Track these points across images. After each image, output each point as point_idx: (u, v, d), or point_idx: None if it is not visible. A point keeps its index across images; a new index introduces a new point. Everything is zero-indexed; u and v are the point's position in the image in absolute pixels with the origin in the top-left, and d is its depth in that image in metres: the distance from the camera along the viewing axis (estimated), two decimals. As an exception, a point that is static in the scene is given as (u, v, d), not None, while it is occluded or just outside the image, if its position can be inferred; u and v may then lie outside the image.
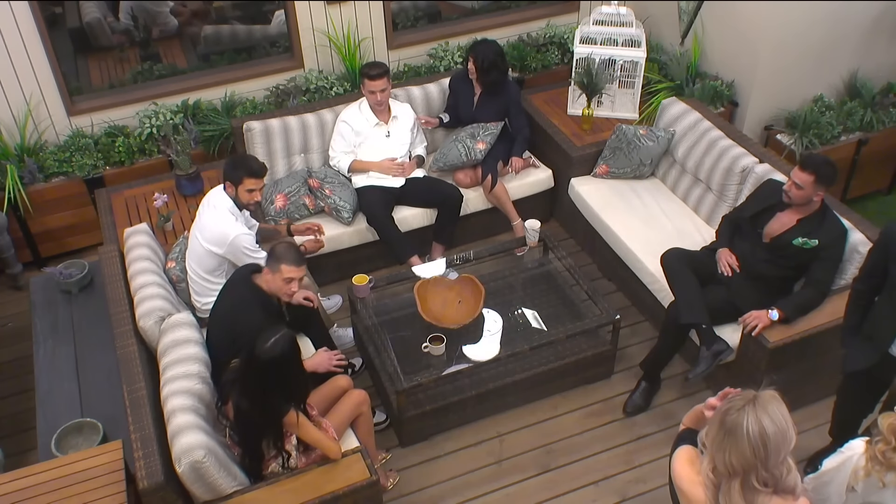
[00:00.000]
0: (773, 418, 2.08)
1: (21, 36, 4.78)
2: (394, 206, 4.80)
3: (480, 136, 4.92)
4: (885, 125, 5.28)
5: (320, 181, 4.68)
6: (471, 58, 4.89)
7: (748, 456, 2.09)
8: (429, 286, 4.23)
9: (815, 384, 4.03)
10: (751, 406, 2.10)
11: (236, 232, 3.85)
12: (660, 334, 4.13)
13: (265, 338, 3.05)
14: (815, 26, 5.11)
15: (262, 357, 3.02)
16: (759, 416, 2.08)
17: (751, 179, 4.36)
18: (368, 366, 4.30)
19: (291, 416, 3.11)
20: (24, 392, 4.31)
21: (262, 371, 3.04)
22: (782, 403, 2.13)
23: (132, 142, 5.12)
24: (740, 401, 2.13)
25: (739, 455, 2.10)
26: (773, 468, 2.12)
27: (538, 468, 3.92)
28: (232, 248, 3.87)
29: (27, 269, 5.07)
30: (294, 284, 3.50)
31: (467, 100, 5.04)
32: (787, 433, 2.10)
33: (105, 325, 3.91)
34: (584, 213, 4.93)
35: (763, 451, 2.07)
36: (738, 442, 2.09)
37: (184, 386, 3.25)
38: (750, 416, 2.08)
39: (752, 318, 3.73)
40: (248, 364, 3.09)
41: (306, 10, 5.33)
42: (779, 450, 2.09)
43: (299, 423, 3.14)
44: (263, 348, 3.03)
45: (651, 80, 5.51)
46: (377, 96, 4.69)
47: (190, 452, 2.98)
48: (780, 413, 2.11)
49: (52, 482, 3.21)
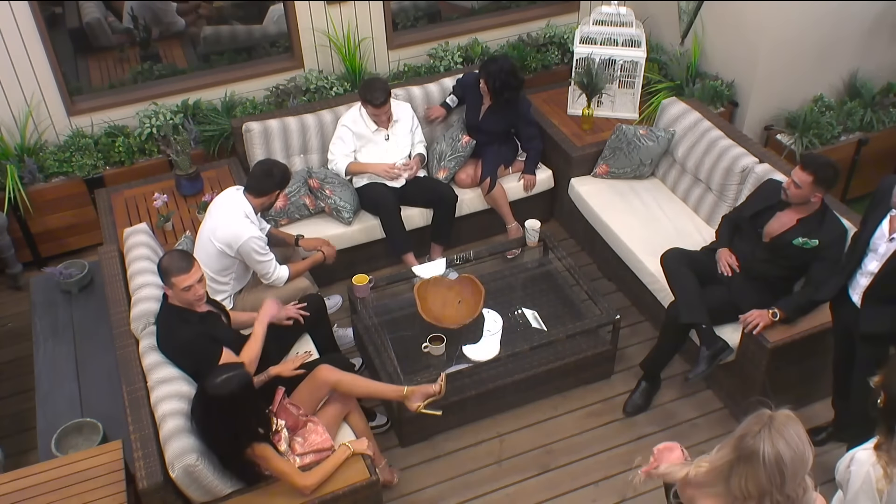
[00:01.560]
0: (790, 442, 2.04)
1: (21, 36, 4.78)
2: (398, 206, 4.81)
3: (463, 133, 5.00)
4: (885, 125, 5.28)
5: (320, 181, 4.68)
6: (482, 80, 4.80)
7: (764, 483, 2.05)
8: (429, 286, 4.23)
9: (815, 384, 4.03)
10: (767, 430, 2.05)
11: (249, 234, 3.85)
12: (660, 334, 4.13)
13: (217, 374, 3.00)
14: (815, 26, 5.11)
15: (210, 393, 2.97)
16: (776, 441, 2.03)
17: (751, 179, 4.36)
18: (368, 366, 4.30)
19: (256, 451, 3.07)
20: (24, 392, 4.31)
21: (212, 410, 3.01)
22: (798, 424, 2.09)
23: (132, 142, 5.12)
24: (756, 425, 2.07)
25: (756, 481, 2.05)
26: (790, 491, 2.08)
27: (538, 468, 3.92)
28: (244, 249, 3.87)
29: (27, 269, 5.07)
30: (195, 290, 3.30)
31: (474, 107, 4.98)
32: (805, 455, 2.06)
33: (105, 325, 3.91)
34: (584, 213, 4.93)
35: (779, 477, 2.04)
36: (755, 469, 2.04)
37: (171, 390, 3.24)
38: (766, 441, 2.03)
39: (752, 317, 3.74)
40: (198, 398, 3.07)
41: (306, 10, 5.33)
42: (796, 474, 2.06)
43: (265, 459, 3.09)
44: (213, 384, 2.97)
45: (651, 80, 5.51)
46: (382, 116, 4.69)
47: (182, 457, 2.98)
48: (797, 435, 2.06)
49: (52, 482, 3.21)
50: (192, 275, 3.29)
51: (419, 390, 3.58)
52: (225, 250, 3.88)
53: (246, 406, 3.03)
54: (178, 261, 3.31)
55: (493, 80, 4.73)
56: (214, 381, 2.96)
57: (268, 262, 3.96)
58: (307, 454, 3.32)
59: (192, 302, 3.35)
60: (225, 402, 2.96)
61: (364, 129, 4.78)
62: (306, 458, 3.31)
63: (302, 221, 4.72)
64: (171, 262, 3.31)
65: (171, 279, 3.29)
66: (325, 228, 4.68)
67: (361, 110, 4.76)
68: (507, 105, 4.87)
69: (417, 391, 3.58)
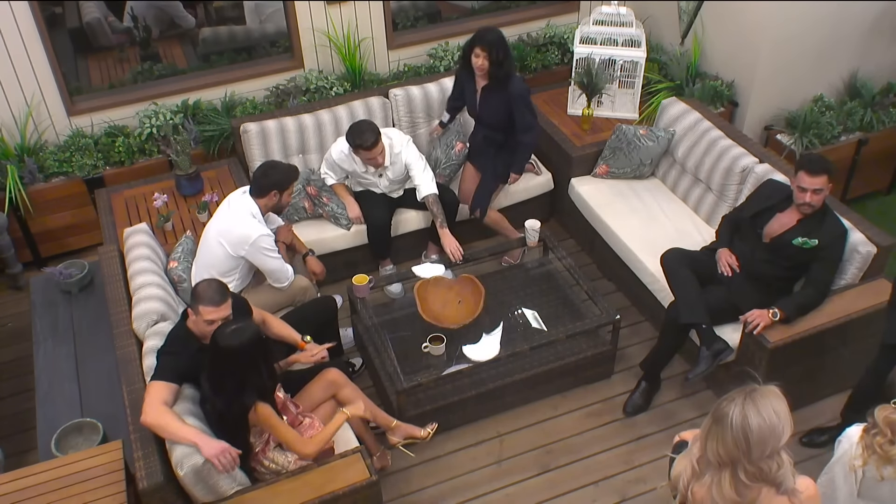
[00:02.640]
0: (762, 411, 2.10)
1: (21, 36, 4.78)
2: (394, 210, 4.77)
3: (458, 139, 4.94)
4: (885, 125, 5.27)
5: (318, 189, 4.66)
6: (481, 51, 4.40)
7: (731, 447, 2.12)
8: (429, 286, 4.23)
9: (815, 384, 4.03)
10: (742, 398, 2.13)
11: (259, 232, 3.86)
12: (659, 334, 4.13)
13: (229, 327, 3.06)
14: (815, 26, 5.11)
15: (221, 345, 3.02)
16: (747, 408, 2.10)
17: (751, 179, 4.36)
18: (368, 366, 4.30)
19: (259, 411, 3.10)
20: (24, 392, 4.31)
21: (221, 360, 3.05)
22: (780, 398, 2.14)
23: (132, 142, 5.12)
24: (737, 393, 2.16)
25: (724, 445, 2.13)
26: (759, 461, 2.13)
27: (538, 468, 3.92)
28: (253, 248, 3.87)
29: (27, 269, 5.07)
30: (217, 326, 3.20)
31: (471, 96, 4.75)
32: (776, 428, 2.11)
33: (105, 325, 3.91)
34: (584, 213, 4.93)
35: (745, 443, 2.10)
36: (723, 432, 2.13)
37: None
38: (737, 407, 2.11)
39: (753, 316, 3.73)
40: (211, 354, 3.10)
41: (306, 10, 5.33)
42: (763, 443, 2.10)
43: (268, 419, 3.12)
44: (223, 334, 3.03)
45: (651, 80, 5.51)
46: (377, 158, 4.43)
47: (191, 455, 2.99)
48: (773, 407, 2.12)
49: (52, 482, 3.21)
50: (221, 311, 3.22)
51: (406, 429, 3.75)
52: (234, 251, 3.88)
53: (255, 358, 3.08)
54: (213, 292, 3.24)
55: (495, 52, 4.37)
56: (225, 331, 3.02)
57: (276, 259, 3.96)
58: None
59: (207, 335, 3.25)
60: (235, 352, 3.01)
61: (354, 167, 4.56)
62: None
63: (301, 223, 4.71)
64: (207, 290, 3.25)
65: (199, 307, 3.23)
66: (324, 231, 4.68)
67: (350, 151, 4.48)
68: (500, 85, 4.50)
69: (404, 428, 3.75)
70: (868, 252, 3.83)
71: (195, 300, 3.25)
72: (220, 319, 3.22)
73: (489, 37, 4.41)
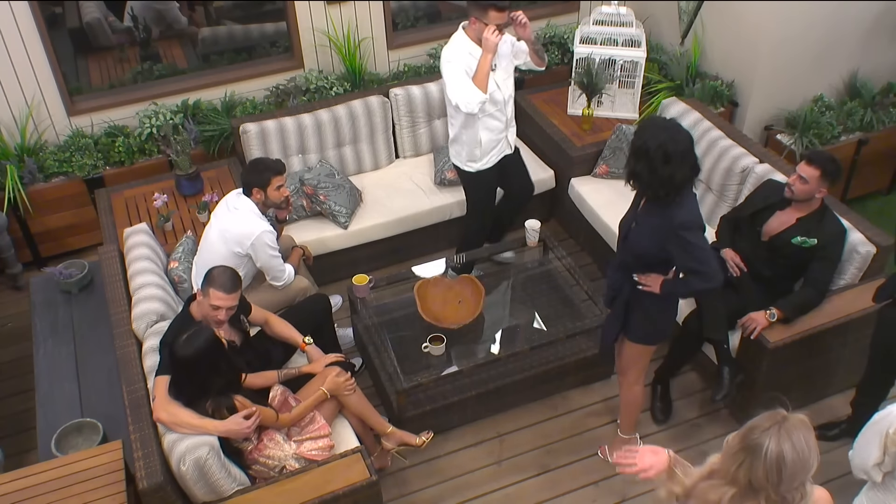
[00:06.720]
0: (796, 445, 2.04)
1: (21, 36, 4.78)
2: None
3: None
4: (885, 125, 5.27)
5: (314, 188, 4.66)
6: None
7: (761, 478, 2.05)
8: (429, 286, 4.23)
9: (816, 384, 4.03)
10: (776, 428, 2.06)
11: (262, 228, 3.86)
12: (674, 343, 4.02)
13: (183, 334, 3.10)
14: (815, 26, 5.11)
15: (178, 354, 3.07)
16: (782, 440, 2.03)
17: (751, 179, 4.36)
18: (368, 366, 4.30)
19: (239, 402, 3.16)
20: (24, 392, 4.31)
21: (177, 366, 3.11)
22: (809, 429, 2.09)
23: (132, 142, 5.12)
24: (768, 421, 2.08)
25: (754, 474, 2.06)
26: (786, 493, 2.09)
27: (538, 468, 3.92)
28: (256, 244, 3.86)
29: (27, 269, 5.07)
30: (221, 313, 3.32)
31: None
32: (808, 461, 2.06)
33: (105, 325, 3.91)
34: (585, 213, 4.93)
35: (776, 476, 2.04)
36: (755, 462, 2.05)
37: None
38: (773, 438, 2.04)
39: (749, 321, 3.72)
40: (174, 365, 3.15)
41: (306, 10, 5.33)
42: (794, 477, 2.06)
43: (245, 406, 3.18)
44: (178, 344, 3.07)
45: (651, 80, 5.51)
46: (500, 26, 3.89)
47: (194, 450, 3.01)
48: (805, 440, 2.06)
49: (52, 482, 3.21)
50: (229, 299, 3.32)
51: (402, 436, 3.74)
52: (238, 249, 3.87)
53: (212, 362, 3.11)
54: (227, 279, 3.33)
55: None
56: (180, 340, 3.07)
57: (278, 257, 3.97)
58: (304, 441, 3.37)
59: (211, 320, 3.35)
60: (190, 359, 3.05)
61: (472, 62, 4.01)
62: (303, 444, 3.35)
63: (299, 222, 4.71)
64: (222, 276, 3.34)
65: (210, 289, 3.30)
66: (322, 230, 4.68)
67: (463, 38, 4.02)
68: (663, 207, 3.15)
69: (399, 435, 3.73)
70: (867, 252, 3.83)
71: (207, 282, 3.32)
72: (225, 307, 3.30)
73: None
